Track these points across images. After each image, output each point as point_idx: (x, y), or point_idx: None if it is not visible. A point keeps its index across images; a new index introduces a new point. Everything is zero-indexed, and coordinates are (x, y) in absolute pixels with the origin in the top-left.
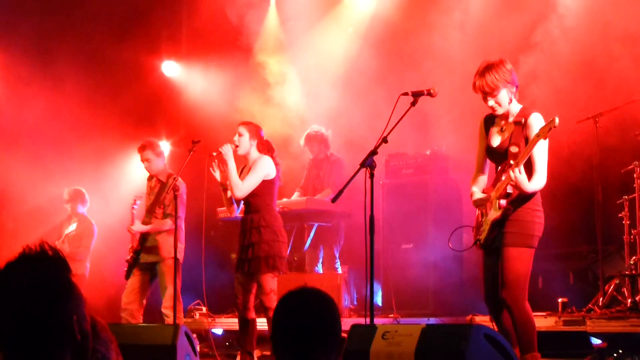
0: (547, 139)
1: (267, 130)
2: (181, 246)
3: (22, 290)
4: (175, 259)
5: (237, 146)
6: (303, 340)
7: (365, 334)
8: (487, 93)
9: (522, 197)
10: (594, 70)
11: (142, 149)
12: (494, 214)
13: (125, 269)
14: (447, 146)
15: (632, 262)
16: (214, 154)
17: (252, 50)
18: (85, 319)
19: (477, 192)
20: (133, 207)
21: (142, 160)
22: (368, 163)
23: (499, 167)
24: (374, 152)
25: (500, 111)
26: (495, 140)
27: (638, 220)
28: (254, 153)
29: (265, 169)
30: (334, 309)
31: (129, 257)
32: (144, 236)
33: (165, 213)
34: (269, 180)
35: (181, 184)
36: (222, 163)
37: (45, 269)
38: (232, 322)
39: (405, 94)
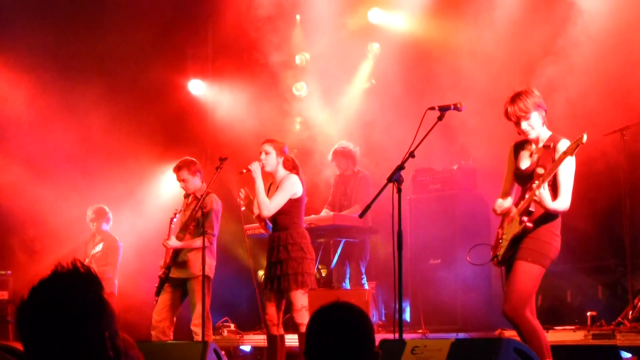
0: (574, 159)
1: (291, 145)
2: (212, 263)
3: (54, 307)
4: (205, 276)
5: (263, 165)
6: (338, 354)
7: (394, 349)
8: (520, 117)
9: (543, 218)
10: (619, 83)
11: (177, 170)
12: (513, 230)
13: (157, 285)
14: (474, 161)
15: None
16: (244, 171)
17: (277, 66)
18: (117, 335)
19: (499, 207)
20: (172, 221)
21: (179, 180)
22: (395, 178)
23: (525, 189)
24: (401, 167)
25: (532, 135)
26: (525, 163)
27: None
28: (281, 171)
29: (292, 187)
30: (367, 323)
31: (161, 273)
32: (176, 252)
33: (200, 230)
34: (297, 198)
35: (217, 202)
36: (250, 181)
37: (77, 285)
38: (260, 339)
39: (432, 108)
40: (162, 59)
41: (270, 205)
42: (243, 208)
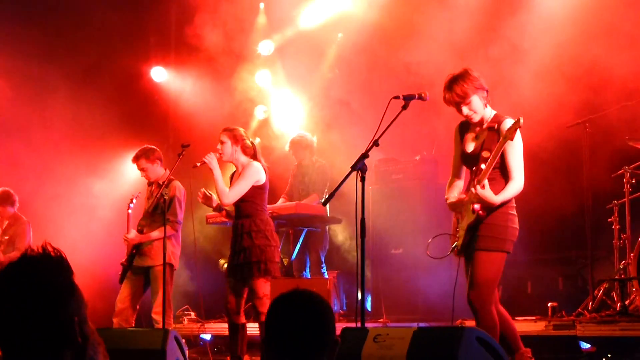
0: (520, 139)
1: (254, 134)
2: (176, 251)
3: (23, 291)
4: (168, 264)
5: (220, 154)
6: (297, 342)
7: (356, 337)
8: (459, 102)
9: None
10: (583, 76)
11: (135, 159)
12: (468, 219)
13: (120, 272)
14: (436, 151)
15: (621, 267)
16: (198, 164)
17: (240, 55)
18: (86, 321)
19: (452, 197)
20: (129, 207)
21: (139, 169)
22: (359, 166)
23: (473, 172)
24: (365, 156)
25: (476, 118)
26: (470, 146)
27: (628, 225)
28: (242, 158)
29: (255, 175)
30: (327, 311)
31: (123, 260)
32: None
33: (163, 218)
34: (259, 185)
35: (180, 189)
36: (210, 173)
37: (47, 269)
38: (221, 327)
39: (397, 97)
40: (124, 46)
41: (229, 194)
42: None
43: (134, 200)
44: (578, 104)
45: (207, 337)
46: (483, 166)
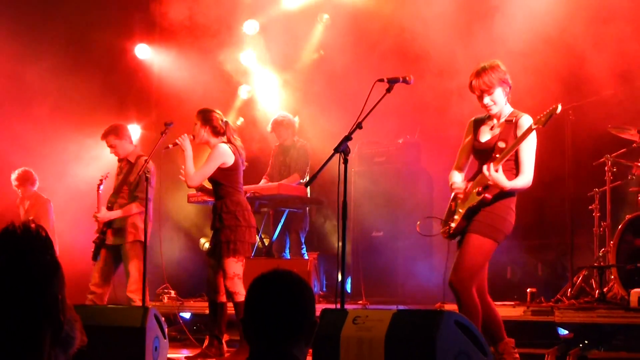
0: (533, 139)
1: (238, 114)
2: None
3: (10, 269)
4: (138, 242)
5: (195, 136)
6: (275, 322)
7: (336, 319)
8: (484, 91)
9: (501, 192)
10: (565, 64)
11: (104, 136)
12: (470, 202)
13: (92, 250)
14: (419, 135)
15: (600, 254)
16: (170, 146)
17: (225, 34)
18: (65, 299)
19: (458, 182)
20: (99, 188)
21: (108, 146)
22: (342, 149)
23: (483, 163)
24: (348, 138)
25: (494, 110)
26: (485, 137)
27: (608, 213)
28: (212, 140)
29: (219, 157)
30: (307, 291)
31: (95, 238)
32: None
33: (133, 195)
34: (228, 167)
35: (151, 166)
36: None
37: (33, 248)
38: (201, 306)
39: (381, 80)
40: (108, 23)
41: (193, 176)
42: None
43: (104, 181)
44: (561, 92)
45: (186, 315)
46: (497, 155)
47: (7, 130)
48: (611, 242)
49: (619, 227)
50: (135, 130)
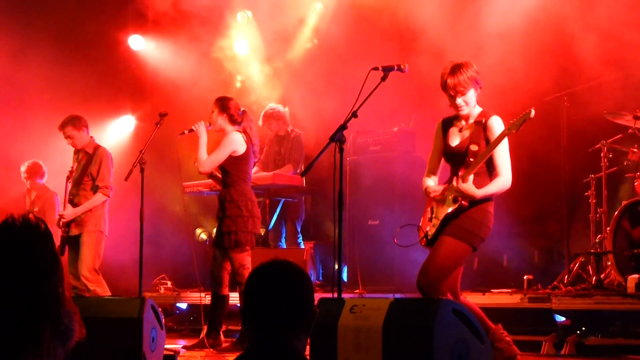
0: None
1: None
2: (107, 218)
3: (11, 261)
4: (96, 231)
5: (211, 123)
6: (274, 312)
7: (333, 308)
8: (459, 92)
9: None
10: (560, 50)
11: (62, 127)
12: (447, 208)
13: (59, 244)
14: (414, 123)
15: (597, 241)
16: (186, 132)
17: (218, 24)
18: (65, 291)
19: (432, 186)
20: (67, 185)
21: (65, 137)
22: (337, 137)
23: (457, 167)
24: (343, 127)
25: (464, 111)
26: (455, 140)
27: (604, 199)
28: (228, 127)
29: (231, 145)
30: (306, 281)
31: (62, 232)
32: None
33: (94, 185)
34: (238, 156)
35: (107, 154)
36: (196, 141)
37: (34, 240)
38: (197, 297)
39: (376, 68)
40: (102, 13)
41: (204, 162)
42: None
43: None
44: (556, 78)
45: (183, 306)
46: (471, 160)
47: (1, 124)
48: (608, 228)
49: (615, 213)
50: (130, 122)
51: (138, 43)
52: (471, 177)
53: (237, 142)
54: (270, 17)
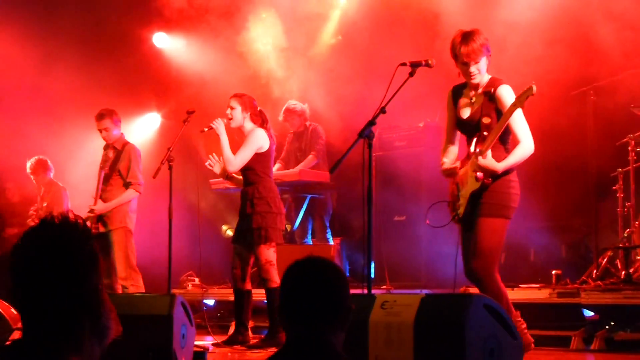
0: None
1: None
2: (133, 216)
3: (55, 258)
4: (124, 228)
5: (229, 119)
6: (312, 308)
7: (364, 304)
8: (472, 59)
9: None
10: (587, 43)
11: (100, 117)
12: (471, 187)
13: None
14: (440, 118)
15: (625, 235)
16: (205, 129)
17: (243, 20)
18: (103, 289)
19: (448, 162)
20: (101, 178)
21: (100, 129)
22: (366, 133)
23: (473, 139)
24: (372, 123)
25: (477, 79)
26: (465, 112)
27: (632, 193)
28: (248, 125)
29: (257, 141)
30: (342, 277)
31: (93, 229)
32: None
33: (126, 182)
34: (263, 152)
35: (136, 150)
36: (215, 138)
37: (75, 237)
38: (225, 293)
39: (404, 64)
40: (125, 12)
41: (234, 161)
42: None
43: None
44: (582, 71)
45: (210, 302)
46: (485, 133)
47: (30, 122)
48: (636, 222)
49: None
50: (155, 119)
51: (162, 40)
52: (489, 152)
53: (262, 138)
54: (294, 12)
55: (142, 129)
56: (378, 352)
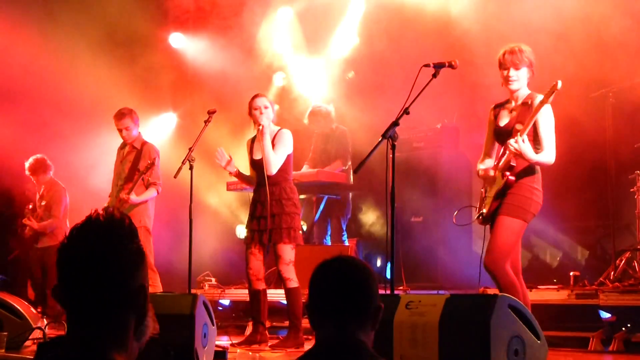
0: (551, 111)
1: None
2: (152, 215)
3: (105, 256)
4: (144, 227)
5: (265, 121)
6: (343, 307)
7: (389, 304)
8: (514, 65)
9: (524, 172)
10: (607, 44)
11: (121, 117)
12: (497, 186)
13: None
14: (457, 119)
15: None
16: (260, 127)
17: (259, 21)
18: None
19: (481, 169)
20: (144, 174)
21: (120, 129)
22: (390, 134)
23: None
24: (395, 124)
25: (514, 86)
26: (504, 121)
27: None
28: (272, 126)
29: (289, 143)
30: (372, 276)
31: None
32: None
33: (148, 181)
34: (289, 153)
35: (157, 150)
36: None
37: (123, 235)
38: (241, 294)
39: (427, 65)
40: (142, 12)
41: (276, 164)
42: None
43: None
44: (601, 74)
45: (225, 302)
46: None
47: (47, 122)
48: None
49: None
50: (171, 119)
51: (179, 41)
52: (526, 137)
53: (291, 140)
54: (312, 14)
55: (159, 129)
56: (403, 352)
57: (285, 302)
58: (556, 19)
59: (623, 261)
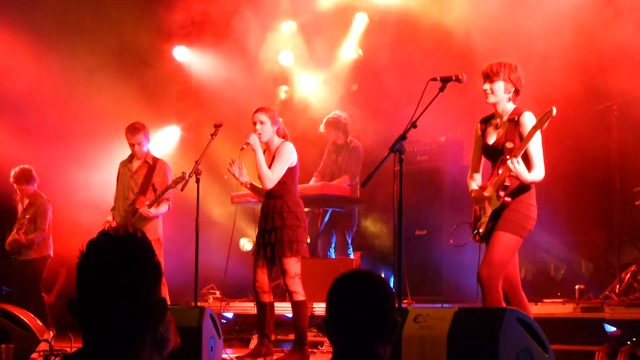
0: (541, 133)
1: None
2: (162, 229)
3: (126, 271)
4: (157, 240)
5: (259, 134)
6: (361, 321)
7: None
8: (488, 77)
9: (518, 190)
10: (611, 57)
11: (135, 131)
12: (493, 206)
13: None
14: (461, 132)
15: None
16: (244, 146)
17: (262, 34)
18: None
19: (475, 187)
20: (167, 191)
21: (133, 143)
22: (397, 148)
23: (496, 164)
24: (403, 137)
25: (490, 99)
26: (491, 138)
27: None
28: (276, 139)
29: (290, 156)
30: (389, 290)
31: None
32: (132, 218)
33: (160, 196)
34: (292, 166)
35: (167, 165)
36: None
37: (143, 250)
38: (245, 306)
39: (434, 79)
40: (146, 26)
41: (272, 177)
42: (225, 177)
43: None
44: (606, 87)
45: (229, 315)
46: (508, 157)
47: (51, 133)
48: None
49: None
50: (174, 132)
51: (183, 54)
52: (519, 159)
53: (293, 152)
54: (315, 28)
55: (162, 142)
56: None
57: (290, 315)
58: (561, 31)
59: (628, 275)
